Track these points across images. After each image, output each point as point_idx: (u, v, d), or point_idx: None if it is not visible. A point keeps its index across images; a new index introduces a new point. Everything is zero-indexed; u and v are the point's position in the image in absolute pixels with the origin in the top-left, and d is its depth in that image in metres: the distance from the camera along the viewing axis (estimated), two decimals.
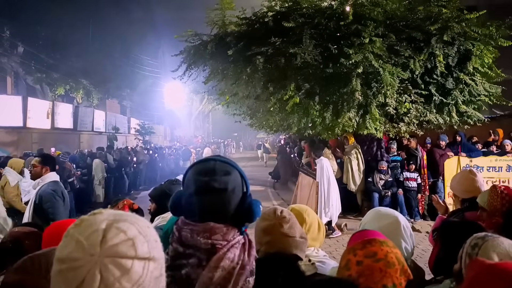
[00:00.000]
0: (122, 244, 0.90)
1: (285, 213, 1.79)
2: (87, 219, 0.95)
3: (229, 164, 1.47)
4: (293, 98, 7.55)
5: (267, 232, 1.76)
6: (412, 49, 7.77)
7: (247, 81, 8.45)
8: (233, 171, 1.45)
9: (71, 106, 21.72)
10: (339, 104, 7.71)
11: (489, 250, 1.48)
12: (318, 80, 7.87)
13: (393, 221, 1.97)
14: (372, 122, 7.76)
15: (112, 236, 0.90)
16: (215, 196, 1.39)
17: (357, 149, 9.54)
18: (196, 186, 1.41)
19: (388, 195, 9.25)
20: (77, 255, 0.88)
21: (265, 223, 1.80)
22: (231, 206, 1.41)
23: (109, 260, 0.88)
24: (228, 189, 1.39)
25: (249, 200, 1.45)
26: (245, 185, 1.48)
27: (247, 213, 1.43)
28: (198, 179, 1.42)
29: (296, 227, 1.76)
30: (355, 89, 7.33)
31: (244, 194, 1.46)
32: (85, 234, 0.91)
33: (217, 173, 1.41)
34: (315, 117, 7.78)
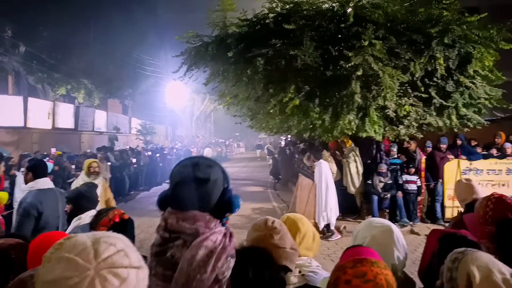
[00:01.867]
0: (115, 255, 0.94)
1: (276, 224, 1.81)
2: (67, 241, 0.97)
3: (211, 160, 1.60)
4: (293, 100, 7.58)
5: (258, 242, 1.79)
6: (412, 51, 7.78)
7: (247, 83, 8.47)
8: (215, 166, 1.57)
9: (72, 106, 21.76)
10: (339, 107, 7.73)
11: (468, 264, 1.49)
12: (318, 83, 7.89)
13: (386, 229, 1.98)
14: (371, 125, 7.77)
15: (104, 249, 0.94)
16: (198, 185, 1.49)
17: (355, 151, 9.55)
18: (181, 176, 1.52)
19: (388, 197, 9.25)
20: (71, 273, 0.90)
21: (256, 234, 1.83)
22: (213, 196, 1.51)
23: (106, 271, 0.91)
24: (211, 179, 1.50)
25: (229, 194, 1.55)
26: (226, 180, 1.58)
27: (228, 204, 1.52)
28: (184, 170, 1.53)
29: (287, 238, 1.78)
30: (355, 92, 7.35)
31: (225, 188, 1.56)
32: (75, 252, 0.93)
33: (200, 165, 1.53)
34: (315, 119, 7.80)
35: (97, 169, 6.02)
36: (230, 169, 28.28)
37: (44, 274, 0.93)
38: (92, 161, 6.16)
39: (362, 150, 9.78)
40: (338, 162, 9.65)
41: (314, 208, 8.49)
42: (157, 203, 1.59)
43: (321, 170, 8.40)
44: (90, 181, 4.81)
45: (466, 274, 1.48)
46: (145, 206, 13.46)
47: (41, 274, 0.93)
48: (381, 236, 1.95)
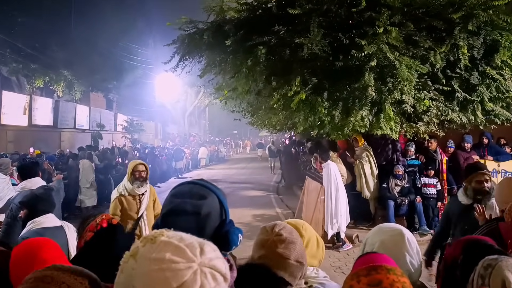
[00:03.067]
0: (217, 259, 1.10)
1: (283, 232, 1.83)
2: (170, 233, 1.13)
3: (207, 188, 1.56)
4: (299, 94, 7.58)
5: (261, 245, 1.83)
6: (432, 39, 7.77)
7: (247, 75, 8.47)
8: (210, 196, 1.54)
9: (51, 101, 21.80)
10: (350, 101, 7.73)
11: (503, 270, 1.54)
12: (327, 74, 7.89)
13: (396, 234, 2.01)
14: (387, 122, 7.77)
15: (209, 250, 1.10)
16: (187, 219, 1.47)
17: (368, 151, 9.57)
18: (168, 207, 1.53)
19: (405, 203, 9.27)
20: (178, 259, 1.03)
21: (261, 237, 1.86)
22: (205, 232, 1.48)
23: (208, 270, 1.05)
24: (202, 214, 1.48)
25: (227, 228, 1.52)
26: (225, 212, 1.56)
27: (223, 240, 1.49)
28: (172, 201, 1.54)
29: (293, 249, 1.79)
30: (368, 85, 7.34)
31: (223, 221, 1.54)
32: (184, 243, 1.07)
33: (191, 196, 1.52)
34: (323, 116, 7.80)
35: (144, 173, 5.38)
36: (227, 171, 28.57)
37: (147, 252, 1.06)
38: (139, 163, 5.43)
39: (376, 150, 9.80)
40: (347, 163, 9.68)
41: (323, 215, 8.52)
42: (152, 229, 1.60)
43: (330, 172, 8.42)
44: (45, 184, 4.86)
45: (501, 281, 1.54)
46: None
47: (143, 251, 1.07)
48: (391, 241, 1.97)
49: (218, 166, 32.22)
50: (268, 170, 25.03)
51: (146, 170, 5.41)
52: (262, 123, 11.57)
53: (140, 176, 5.32)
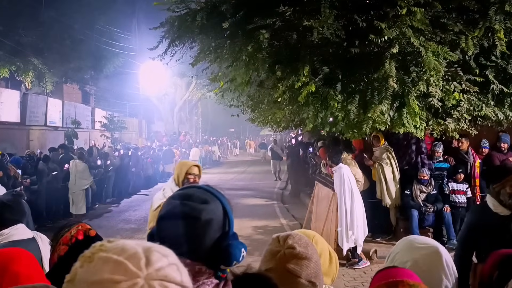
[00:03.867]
0: (168, 267, 1.04)
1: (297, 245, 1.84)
2: (111, 244, 1.07)
3: (211, 193, 1.59)
4: (308, 86, 7.57)
5: (270, 258, 1.84)
6: (463, 22, 7.77)
7: (247, 63, 8.47)
8: (214, 201, 1.56)
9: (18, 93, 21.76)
10: (368, 94, 7.73)
11: None
12: (341, 63, 7.89)
13: (431, 252, 2.00)
14: (411, 118, 7.77)
15: (156, 259, 1.04)
16: (184, 224, 1.50)
17: (389, 152, 9.57)
18: (167, 209, 1.56)
19: (431, 212, 9.28)
20: (120, 277, 0.98)
21: (271, 247, 1.87)
22: (204, 240, 1.51)
23: (157, 283, 1.00)
24: (201, 219, 1.50)
25: (229, 241, 1.54)
26: (229, 222, 1.58)
27: (223, 254, 1.52)
28: (169, 202, 1.57)
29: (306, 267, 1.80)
30: (389, 75, 7.34)
31: (226, 233, 1.56)
32: (125, 255, 1.02)
33: (192, 199, 1.54)
34: (336, 111, 7.80)
35: (198, 178, 5.16)
36: (224, 176, 28.56)
37: (85, 274, 1.01)
38: (193, 165, 5.19)
39: (398, 151, 9.81)
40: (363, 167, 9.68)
41: (336, 227, 8.52)
42: (147, 237, 1.66)
43: (342, 176, 8.42)
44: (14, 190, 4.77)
45: None
46: (114, 223, 13.53)
47: (81, 274, 1.01)
48: (425, 260, 1.97)
49: (212, 170, 32.27)
50: (270, 174, 24.95)
51: (200, 173, 5.18)
52: (264, 119, 11.57)
53: (194, 181, 5.10)
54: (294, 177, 18.44)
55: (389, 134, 9.36)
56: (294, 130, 17.94)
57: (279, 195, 18.63)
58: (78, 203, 13.68)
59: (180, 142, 35.25)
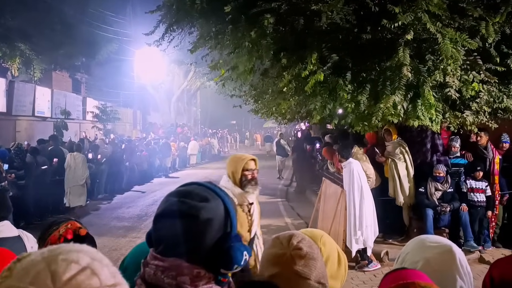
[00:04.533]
0: (80, 274, 0.97)
1: (303, 245, 1.83)
2: (17, 265, 1.01)
3: (213, 191, 1.58)
4: (315, 75, 7.57)
5: (274, 262, 1.82)
6: (484, 7, 7.74)
7: (250, 50, 8.46)
8: (215, 200, 1.56)
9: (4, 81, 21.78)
10: (380, 84, 7.72)
11: None
12: (351, 50, 7.87)
13: (444, 251, 2.00)
14: (426, 110, 7.76)
15: (63, 269, 0.97)
16: (182, 222, 1.49)
17: (402, 147, 9.56)
18: (163, 206, 1.56)
19: (447, 211, 9.28)
20: None
21: (273, 250, 1.85)
22: (203, 242, 1.50)
23: None
24: (200, 218, 1.49)
25: (230, 243, 1.53)
26: (230, 223, 1.57)
27: (224, 257, 1.50)
28: (167, 200, 1.56)
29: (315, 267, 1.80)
30: (403, 63, 7.32)
31: (227, 234, 1.55)
32: (29, 279, 0.96)
33: (191, 196, 1.53)
34: (346, 102, 7.79)
35: (256, 172, 4.98)
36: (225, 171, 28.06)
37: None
38: (250, 159, 4.98)
39: (412, 145, 9.79)
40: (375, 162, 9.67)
41: (344, 227, 8.53)
42: (146, 237, 1.64)
43: (352, 172, 8.41)
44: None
45: None
46: (106, 221, 13.57)
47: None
48: (438, 259, 1.97)
49: (212, 165, 32.26)
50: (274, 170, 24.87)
51: (256, 167, 4.99)
52: (268, 111, 11.56)
53: (253, 177, 4.89)
54: (300, 173, 18.44)
55: (402, 127, 9.34)
56: (300, 122, 17.93)
57: (283, 192, 18.65)
58: (79, 196, 14.12)
59: (177, 134, 35.23)
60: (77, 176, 14.03)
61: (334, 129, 11.44)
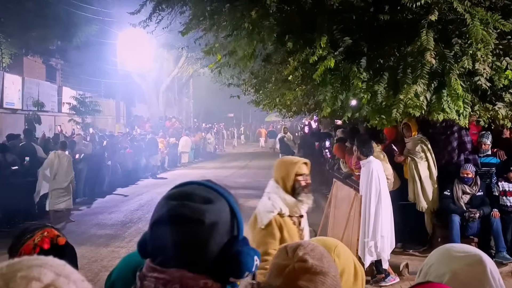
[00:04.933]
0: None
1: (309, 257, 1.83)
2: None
3: (216, 191, 1.59)
4: (325, 61, 7.57)
5: (277, 273, 1.83)
6: None
7: (251, 32, 8.46)
8: (219, 201, 1.56)
9: None
10: (400, 72, 7.72)
11: None
12: (366, 33, 7.87)
13: (473, 262, 2.00)
14: (452, 101, 7.75)
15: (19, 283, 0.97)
16: (185, 228, 1.48)
17: (424, 144, 9.54)
18: (160, 212, 1.54)
19: (476, 218, 9.28)
20: None
21: (277, 261, 1.86)
22: (209, 248, 1.49)
23: None
24: (206, 222, 1.48)
25: (238, 247, 1.53)
26: (237, 225, 1.57)
27: (232, 263, 1.50)
28: (166, 203, 1.55)
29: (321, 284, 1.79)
30: (426, 48, 7.31)
31: (234, 237, 1.54)
32: None
33: (193, 198, 1.52)
34: (361, 92, 7.79)
35: (309, 178, 4.73)
36: (220, 172, 28.51)
37: None
38: (302, 162, 4.74)
39: (436, 142, 9.78)
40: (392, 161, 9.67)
41: (358, 235, 8.52)
42: (138, 246, 1.62)
43: (371, 173, 8.39)
44: None
45: None
46: (85, 229, 13.59)
47: None
48: (467, 272, 1.96)
49: (207, 164, 32.36)
50: None
51: (309, 172, 4.77)
52: (271, 102, 11.56)
53: (307, 183, 4.64)
54: None
55: (425, 121, 9.34)
56: (308, 116, 17.92)
57: None
58: (61, 197, 14.17)
59: (166, 129, 35.20)
60: (61, 178, 14.06)
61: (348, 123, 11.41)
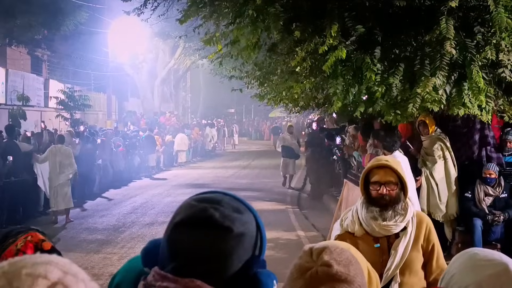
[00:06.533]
0: None
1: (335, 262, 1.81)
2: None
3: (243, 203, 1.58)
4: (336, 51, 7.57)
5: (297, 275, 1.81)
6: None
7: (255, 20, 8.47)
8: (247, 214, 1.56)
9: None
10: (417, 63, 7.72)
11: None
12: (381, 20, 7.86)
13: (500, 271, 1.98)
14: (474, 95, 7.75)
15: (29, 286, 0.97)
16: (211, 233, 1.47)
17: (443, 143, 9.51)
18: (187, 212, 1.52)
19: (500, 221, 9.28)
20: None
21: (300, 261, 1.84)
22: (231, 261, 1.48)
23: None
24: (234, 231, 1.47)
25: (258, 268, 1.53)
26: (261, 242, 1.58)
27: (252, 281, 1.50)
28: (193, 205, 1.53)
29: None
30: (445, 37, 7.32)
31: (256, 256, 1.54)
32: None
33: (223, 204, 1.51)
34: (374, 85, 7.79)
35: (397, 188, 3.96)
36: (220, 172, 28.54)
37: None
38: (382, 163, 4.04)
39: (455, 140, 9.77)
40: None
41: None
42: (142, 253, 1.61)
43: None
44: None
45: None
46: (74, 233, 13.59)
47: None
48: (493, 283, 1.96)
49: (206, 164, 32.37)
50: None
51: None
52: (276, 96, 11.54)
53: (389, 194, 3.92)
54: (315, 174, 18.39)
55: (444, 117, 9.32)
56: (316, 111, 17.91)
57: (294, 198, 18.67)
58: (65, 196, 14.54)
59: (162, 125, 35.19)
60: (64, 173, 14.60)
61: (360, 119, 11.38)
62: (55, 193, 14.42)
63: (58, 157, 14.52)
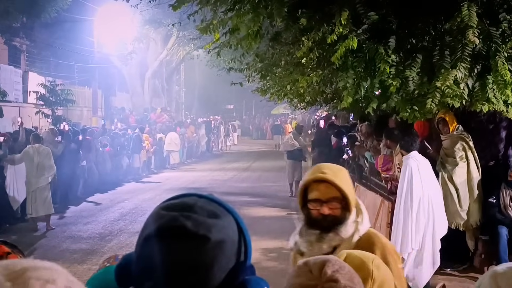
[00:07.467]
0: None
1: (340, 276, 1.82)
2: None
3: (221, 205, 1.56)
4: (346, 41, 7.57)
5: None
6: None
7: (256, 6, 8.47)
8: (226, 216, 1.53)
9: None
10: (436, 54, 7.71)
11: None
12: (395, 6, 7.87)
13: None
14: (499, 90, 7.75)
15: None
16: (186, 245, 1.45)
17: (465, 142, 9.50)
18: (156, 224, 1.49)
19: None
20: None
21: (300, 280, 1.84)
22: (212, 272, 1.46)
23: None
24: (211, 239, 1.45)
25: (245, 275, 1.52)
26: (245, 248, 1.56)
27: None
28: (162, 214, 1.51)
29: None
30: (468, 25, 7.32)
31: (241, 263, 1.52)
32: None
33: (196, 210, 1.49)
34: (389, 78, 7.79)
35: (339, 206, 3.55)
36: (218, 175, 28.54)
37: None
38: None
39: (479, 140, 9.76)
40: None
41: None
42: (116, 272, 1.60)
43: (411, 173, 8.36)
44: None
45: None
46: (56, 242, 13.59)
47: None
48: None
49: (201, 166, 32.41)
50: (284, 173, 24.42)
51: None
52: (280, 90, 11.57)
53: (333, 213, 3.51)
54: None
55: (465, 114, 9.32)
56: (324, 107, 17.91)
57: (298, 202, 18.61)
58: (45, 201, 14.51)
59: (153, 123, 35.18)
60: (46, 173, 14.54)
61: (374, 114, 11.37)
62: (34, 198, 14.34)
63: (36, 158, 14.44)
